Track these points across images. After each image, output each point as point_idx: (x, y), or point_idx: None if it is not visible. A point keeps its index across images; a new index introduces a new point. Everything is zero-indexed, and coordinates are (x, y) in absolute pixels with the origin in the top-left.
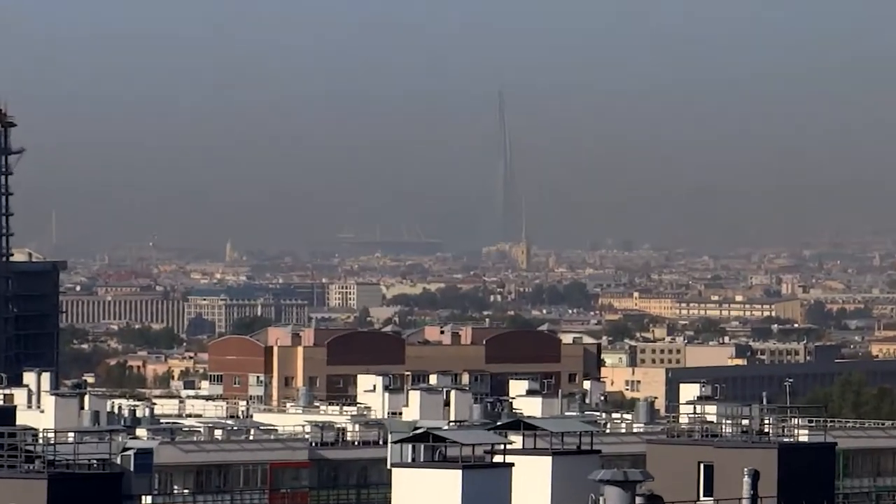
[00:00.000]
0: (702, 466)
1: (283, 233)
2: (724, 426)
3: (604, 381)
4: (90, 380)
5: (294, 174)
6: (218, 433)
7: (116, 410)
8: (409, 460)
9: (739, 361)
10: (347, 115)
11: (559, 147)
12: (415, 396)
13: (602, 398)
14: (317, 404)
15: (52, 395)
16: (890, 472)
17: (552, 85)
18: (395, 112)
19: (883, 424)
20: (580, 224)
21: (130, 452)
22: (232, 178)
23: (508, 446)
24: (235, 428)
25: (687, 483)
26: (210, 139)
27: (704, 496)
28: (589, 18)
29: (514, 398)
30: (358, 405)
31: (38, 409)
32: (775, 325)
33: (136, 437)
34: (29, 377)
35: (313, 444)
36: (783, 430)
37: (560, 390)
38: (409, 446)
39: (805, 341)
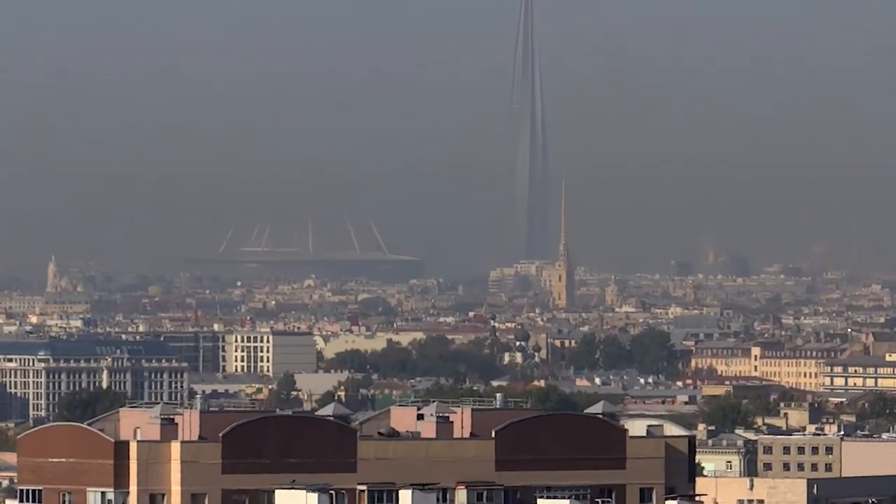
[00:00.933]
0: None
1: (143, 244)
2: None
3: (701, 501)
4: None
5: (166, 147)
6: None
7: None
8: None
9: None
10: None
11: (625, 99)
12: None
13: None
14: None
15: None
16: None
17: None
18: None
19: None
20: (658, 231)
21: None
22: (64, 157)
23: None
24: None
25: None
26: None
27: None
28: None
29: None
30: None
31: None
32: None
33: None
34: None
35: None
36: None
37: None
38: None
39: None
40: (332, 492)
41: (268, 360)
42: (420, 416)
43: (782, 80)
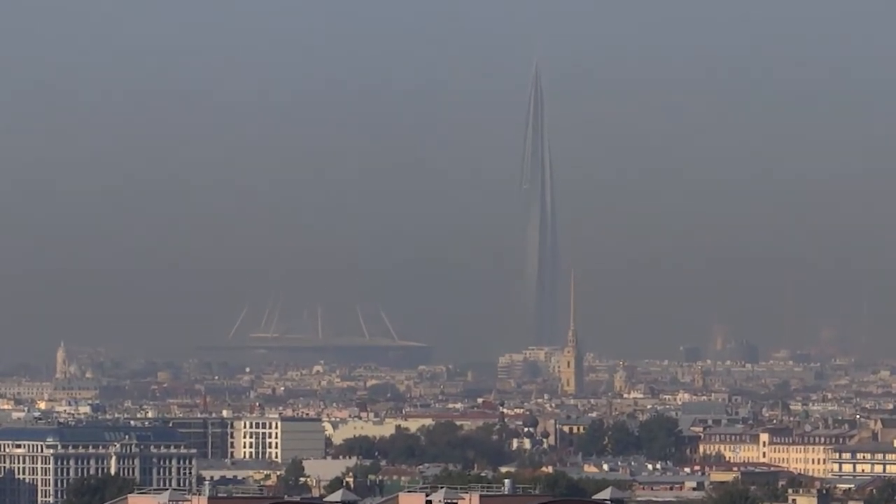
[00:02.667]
0: None
1: (152, 331)
2: None
3: None
4: None
5: (175, 235)
6: None
7: None
8: None
9: None
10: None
11: (630, 185)
12: None
13: None
14: None
15: None
16: None
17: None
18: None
19: None
20: (667, 317)
21: None
22: (68, 240)
23: None
24: None
25: None
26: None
27: None
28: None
29: None
30: None
31: None
32: None
33: None
34: None
35: None
36: None
37: None
38: None
39: None
40: None
41: (276, 446)
42: (429, 503)
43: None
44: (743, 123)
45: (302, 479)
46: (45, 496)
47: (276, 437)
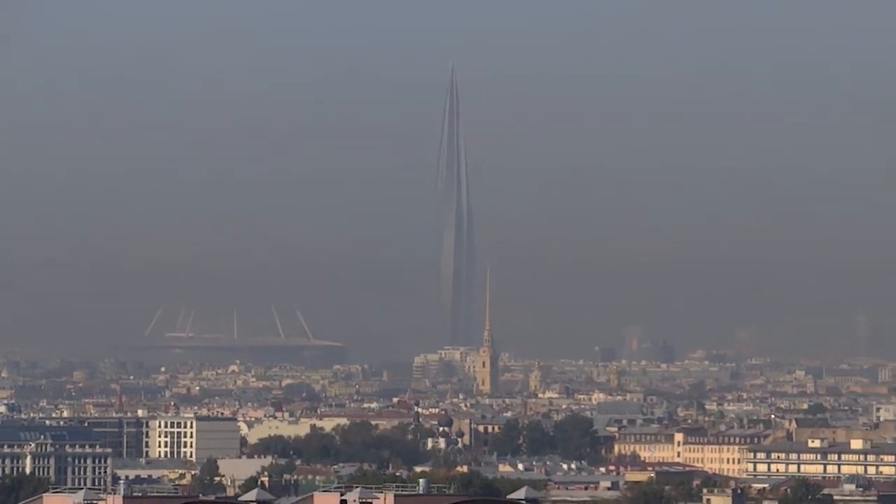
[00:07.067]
0: None
1: (68, 331)
2: None
3: None
4: None
5: (92, 235)
6: None
7: None
8: None
9: None
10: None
11: (550, 187)
12: None
13: None
14: None
15: None
16: None
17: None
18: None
19: None
20: (582, 317)
21: None
22: None
23: None
24: None
25: None
26: None
27: None
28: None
29: None
30: None
31: None
32: None
33: None
34: None
35: None
36: None
37: None
38: None
39: None
40: None
41: (191, 446)
42: (343, 502)
43: (702, 174)
44: (658, 118)
45: (217, 479)
46: None
47: (191, 437)
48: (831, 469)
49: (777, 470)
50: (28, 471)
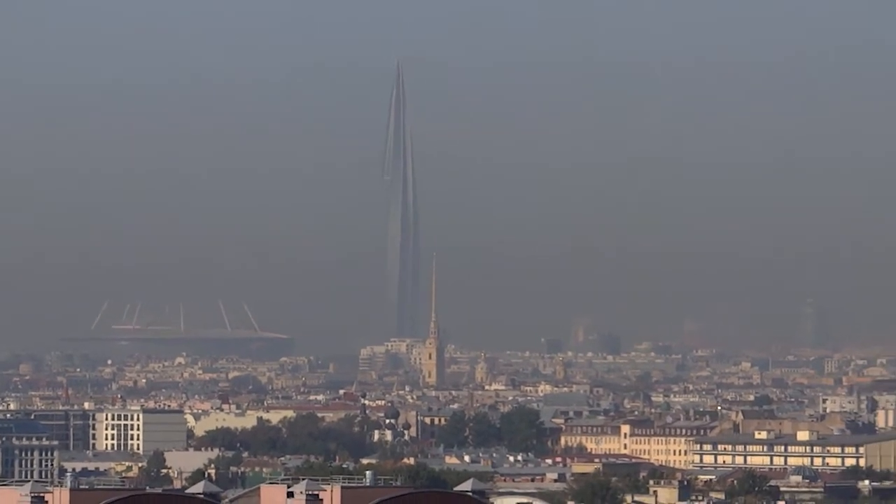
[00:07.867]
0: None
1: (14, 323)
2: None
3: None
4: None
5: (37, 226)
6: None
7: None
8: None
9: None
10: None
11: (496, 179)
12: None
13: None
14: None
15: None
16: None
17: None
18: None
19: None
20: (528, 309)
21: None
22: None
23: None
24: None
25: None
26: None
27: None
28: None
29: None
30: None
31: None
32: (867, 482)
33: None
34: None
35: None
36: None
37: None
38: None
39: None
40: None
41: (138, 438)
42: (290, 494)
43: (658, 163)
44: (607, 108)
45: (164, 471)
46: None
47: (138, 429)
48: (778, 461)
49: (724, 462)
50: None
